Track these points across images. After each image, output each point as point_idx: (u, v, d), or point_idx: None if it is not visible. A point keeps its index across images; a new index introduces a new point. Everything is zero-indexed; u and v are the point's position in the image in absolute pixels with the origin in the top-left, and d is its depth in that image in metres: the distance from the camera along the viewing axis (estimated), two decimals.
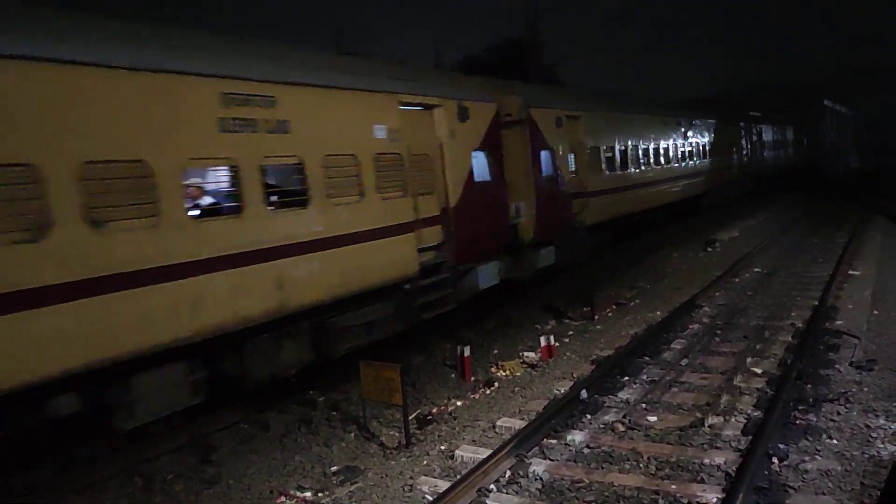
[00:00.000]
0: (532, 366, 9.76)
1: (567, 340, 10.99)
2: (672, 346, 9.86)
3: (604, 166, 17.44)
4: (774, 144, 40.55)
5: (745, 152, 32.87)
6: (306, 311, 8.41)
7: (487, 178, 12.18)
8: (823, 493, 5.40)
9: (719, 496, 5.42)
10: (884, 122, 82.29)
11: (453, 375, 9.72)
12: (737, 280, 14.43)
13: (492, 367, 9.97)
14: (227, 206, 7.82)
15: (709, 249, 19.35)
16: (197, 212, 7.68)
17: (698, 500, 5.46)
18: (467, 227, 11.36)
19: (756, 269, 15.46)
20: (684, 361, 9.11)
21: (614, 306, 13.20)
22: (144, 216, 6.63)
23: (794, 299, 12.19)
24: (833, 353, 8.84)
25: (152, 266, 6.66)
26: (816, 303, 11.34)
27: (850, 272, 13.91)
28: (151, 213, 6.69)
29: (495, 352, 10.80)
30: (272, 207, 8.10)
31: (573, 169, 15.62)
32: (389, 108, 9.89)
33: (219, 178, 8.16)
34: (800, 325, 10.31)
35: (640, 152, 19.98)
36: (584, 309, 12.48)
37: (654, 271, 16.63)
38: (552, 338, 10.25)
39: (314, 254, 8.43)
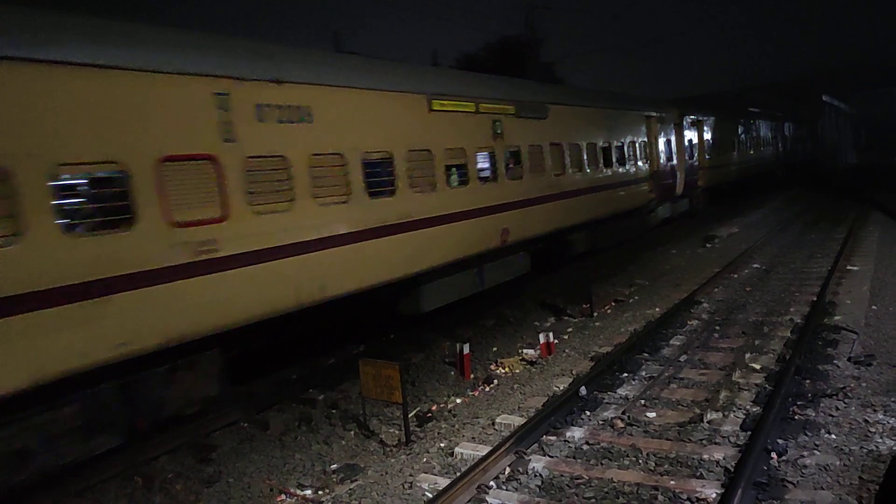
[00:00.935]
0: (531, 363, 9.78)
1: (566, 337, 11.00)
2: (671, 342, 9.87)
3: (714, 152, 26.18)
4: (774, 140, 40.67)
5: (780, 144, 41.79)
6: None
7: (669, 155, 20.97)
8: (822, 488, 5.41)
9: (718, 491, 5.44)
10: (882, 119, 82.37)
11: (453, 373, 9.72)
12: (735, 276, 14.45)
13: (491, 364, 9.98)
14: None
15: (707, 245, 19.37)
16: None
17: (697, 495, 5.47)
18: (660, 183, 20.08)
19: (755, 265, 15.48)
20: (683, 358, 9.12)
21: (613, 303, 13.21)
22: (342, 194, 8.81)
23: (793, 295, 12.20)
24: (831, 348, 8.86)
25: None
26: (815, 298, 11.36)
27: (849, 268, 13.92)
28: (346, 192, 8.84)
29: (494, 349, 10.81)
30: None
31: (697, 153, 23.85)
32: (645, 122, 19.40)
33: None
34: (798, 320, 10.33)
35: (735, 142, 29.95)
36: (583, 306, 12.49)
37: (653, 268, 16.64)
38: (551, 335, 10.26)
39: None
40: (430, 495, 5.79)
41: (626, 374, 8.57)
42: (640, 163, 18.32)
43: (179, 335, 6.74)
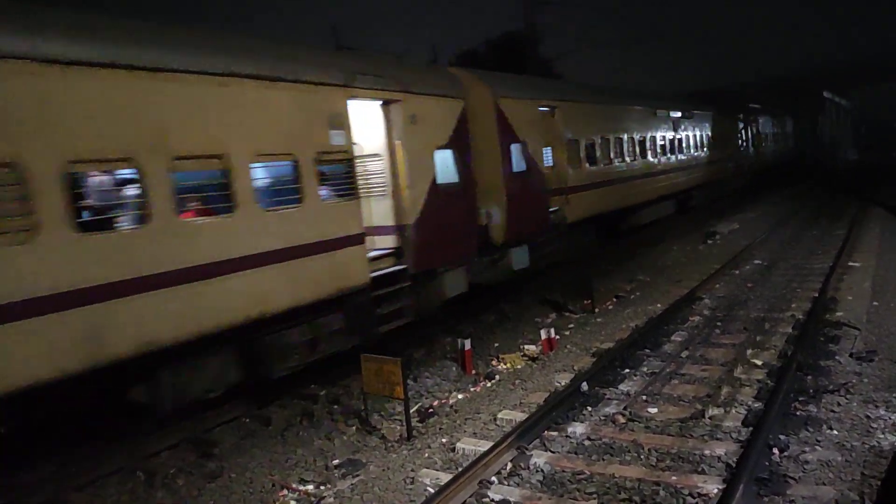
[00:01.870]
0: (533, 358, 9.78)
1: (568, 333, 11.01)
2: (672, 338, 9.87)
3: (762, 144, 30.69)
4: (774, 136, 40.75)
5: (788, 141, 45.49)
6: None
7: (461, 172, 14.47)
8: (824, 484, 5.41)
9: (720, 487, 5.44)
10: (883, 115, 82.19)
11: (454, 369, 9.72)
12: (737, 272, 14.45)
13: (492, 360, 9.98)
14: None
15: (708, 242, 19.36)
16: None
17: (699, 491, 5.48)
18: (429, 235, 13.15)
19: (756, 261, 15.47)
20: (685, 353, 9.13)
21: (615, 299, 13.21)
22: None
23: (794, 291, 12.20)
24: (833, 344, 8.86)
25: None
26: (816, 294, 11.35)
27: (850, 263, 13.91)
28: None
29: (496, 345, 10.81)
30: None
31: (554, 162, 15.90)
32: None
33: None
34: (800, 316, 10.32)
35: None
36: (585, 302, 12.49)
37: (654, 264, 16.64)
38: (553, 331, 10.26)
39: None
40: (432, 490, 5.80)
41: (627, 370, 8.58)
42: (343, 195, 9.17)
43: None
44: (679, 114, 23.64)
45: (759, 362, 8.41)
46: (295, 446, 7.55)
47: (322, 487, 6.48)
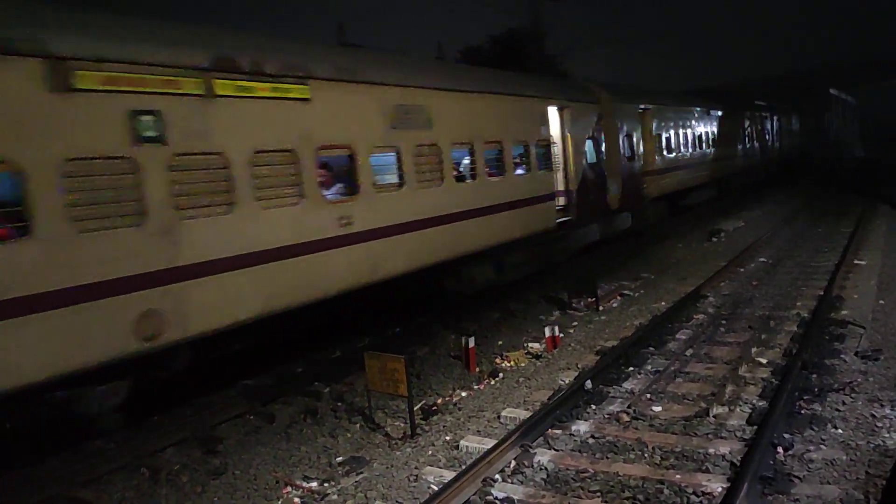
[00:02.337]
0: (537, 356, 9.77)
1: (572, 331, 10.99)
2: (677, 336, 9.85)
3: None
4: (782, 134, 40.77)
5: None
6: None
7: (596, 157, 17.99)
8: (828, 483, 5.40)
9: (724, 486, 5.43)
10: (890, 112, 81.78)
11: (458, 366, 9.73)
12: (742, 270, 14.40)
13: (496, 357, 9.98)
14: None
15: (713, 240, 19.31)
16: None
17: (703, 489, 5.47)
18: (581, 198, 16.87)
19: (761, 259, 15.43)
20: (689, 352, 9.10)
21: (619, 297, 13.19)
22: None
23: (800, 289, 12.16)
24: (838, 342, 8.82)
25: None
26: (822, 293, 11.30)
27: (856, 262, 13.86)
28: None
29: (500, 343, 10.80)
30: None
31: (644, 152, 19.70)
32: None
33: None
34: (805, 315, 10.29)
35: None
36: (589, 299, 12.47)
37: (659, 262, 16.60)
38: (557, 328, 10.25)
39: None
40: (436, 488, 5.80)
41: (631, 368, 8.56)
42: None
43: None
44: (720, 112, 27.39)
45: (763, 361, 8.39)
46: (299, 443, 7.56)
47: (326, 484, 6.49)
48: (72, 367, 5.90)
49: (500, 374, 9.20)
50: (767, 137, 36.23)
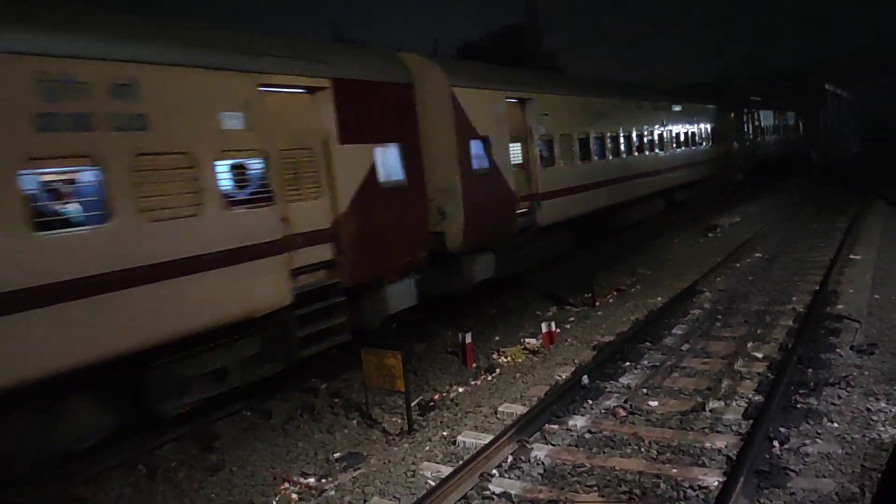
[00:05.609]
0: (533, 352, 9.79)
1: (568, 327, 11.01)
2: (673, 331, 9.87)
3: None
4: (776, 129, 40.80)
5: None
6: None
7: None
8: (824, 476, 5.41)
9: (720, 479, 5.44)
10: (886, 107, 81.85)
11: (455, 362, 9.74)
12: (738, 265, 14.43)
13: (493, 353, 10.00)
14: None
15: (710, 235, 19.35)
16: None
17: (699, 483, 5.48)
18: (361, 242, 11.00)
19: (757, 255, 15.46)
20: (685, 346, 9.13)
21: (615, 292, 13.21)
22: None
23: (795, 284, 12.19)
24: (834, 337, 8.85)
25: None
26: (817, 287, 11.33)
27: (851, 256, 13.90)
28: None
29: (497, 338, 10.82)
30: None
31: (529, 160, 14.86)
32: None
33: None
34: (801, 309, 10.31)
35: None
36: (585, 295, 12.49)
37: (655, 257, 16.63)
38: (553, 324, 10.27)
39: None
40: (433, 483, 5.80)
41: (628, 363, 8.58)
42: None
43: None
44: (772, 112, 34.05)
45: (759, 355, 8.41)
46: (296, 439, 7.57)
47: (323, 480, 6.50)
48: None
49: (497, 370, 9.21)
50: (786, 131, 38.49)
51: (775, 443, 5.98)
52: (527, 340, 10.31)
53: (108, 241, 6.25)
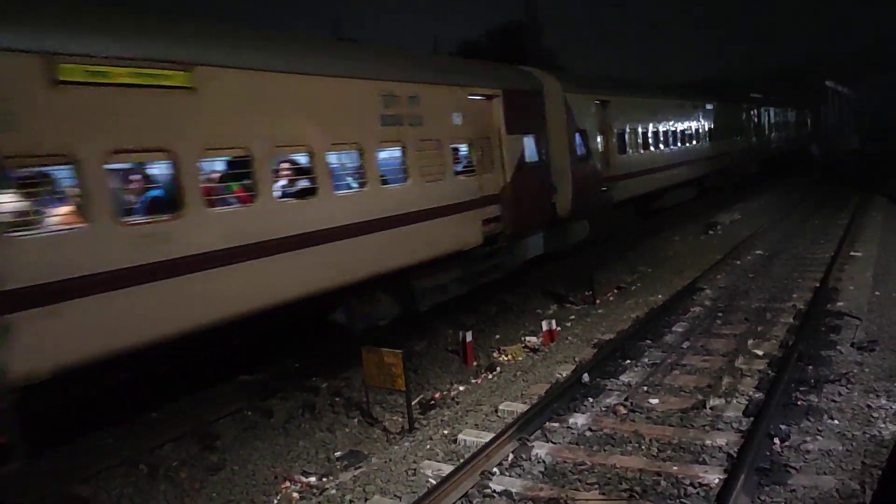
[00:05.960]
0: (534, 350, 9.79)
1: (569, 325, 11.01)
2: (674, 329, 9.87)
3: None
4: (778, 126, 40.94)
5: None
6: None
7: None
8: (825, 473, 5.42)
9: (721, 477, 5.45)
10: (886, 104, 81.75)
11: (455, 361, 9.75)
12: (738, 262, 14.43)
13: (494, 352, 10.00)
14: None
15: (710, 232, 19.34)
16: None
17: (700, 481, 5.49)
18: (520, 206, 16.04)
19: (757, 252, 15.45)
20: (686, 344, 9.13)
21: (616, 290, 13.21)
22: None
23: (796, 281, 12.18)
24: (834, 334, 8.85)
25: None
26: (818, 284, 11.34)
27: (852, 253, 13.90)
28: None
29: (497, 337, 10.82)
30: None
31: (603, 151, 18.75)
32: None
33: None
34: (801, 306, 10.31)
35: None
36: (586, 293, 12.49)
37: (656, 255, 16.63)
38: (554, 322, 10.27)
39: None
40: (434, 482, 5.81)
41: (628, 361, 8.58)
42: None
43: None
44: (708, 105, 29.16)
45: (760, 352, 8.41)
46: (297, 438, 7.57)
47: (324, 479, 6.51)
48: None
49: (498, 368, 9.22)
50: (763, 130, 37.69)
51: (776, 440, 5.98)
52: (527, 338, 10.31)
53: (405, 193, 9.91)
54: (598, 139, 16.55)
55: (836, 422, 6.30)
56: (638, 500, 5.35)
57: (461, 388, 8.63)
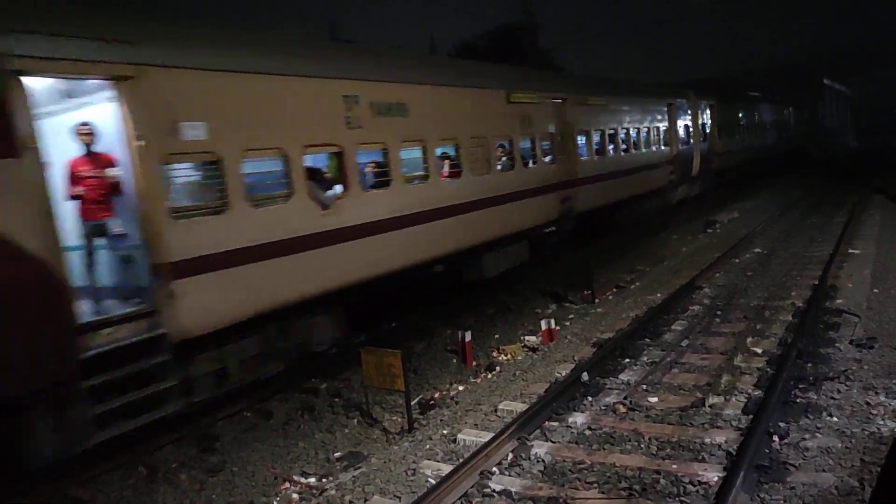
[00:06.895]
0: (533, 349, 9.79)
1: (568, 324, 11.01)
2: (672, 327, 9.87)
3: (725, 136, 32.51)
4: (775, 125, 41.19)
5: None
6: None
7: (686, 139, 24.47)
8: (824, 471, 5.42)
9: (720, 475, 5.45)
10: (884, 102, 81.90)
11: (455, 360, 9.74)
12: (737, 261, 14.44)
13: (493, 351, 10.00)
14: None
15: (708, 231, 19.35)
16: None
17: (699, 479, 5.49)
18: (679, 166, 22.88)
19: (756, 250, 15.46)
20: (685, 342, 9.13)
21: (615, 289, 13.21)
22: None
23: (794, 279, 12.19)
24: (833, 331, 8.86)
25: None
26: (816, 282, 11.34)
27: (850, 251, 13.91)
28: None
29: (496, 336, 10.82)
30: None
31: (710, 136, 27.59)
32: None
33: None
34: (800, 304, 10.32)
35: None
36: (585, 292, 12.49)
37: (654, 254, 16.63)
38: (553, 321, 10.26)
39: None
40: (434, 481, 5.80)
41: (627, 360, 8.58)
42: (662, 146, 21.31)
43: None
44: (769, 105, 38.93)
45: (759, 350, 8.42)
46: (296, 439, 7.57)
47: (324, 480, 6.50)
48: None
49: (497, 368, 9.21)
50: (793, 126, 45.19)
51: (775, 437, 5.98)
52: (526, 338, 10.31)
53: (461, 185, 11.49)
54: (709, 129, 25.66)
55: (835, 419, 6.31)
56: (637, 499, 5.35)
57: (460, 388, 8.63)
